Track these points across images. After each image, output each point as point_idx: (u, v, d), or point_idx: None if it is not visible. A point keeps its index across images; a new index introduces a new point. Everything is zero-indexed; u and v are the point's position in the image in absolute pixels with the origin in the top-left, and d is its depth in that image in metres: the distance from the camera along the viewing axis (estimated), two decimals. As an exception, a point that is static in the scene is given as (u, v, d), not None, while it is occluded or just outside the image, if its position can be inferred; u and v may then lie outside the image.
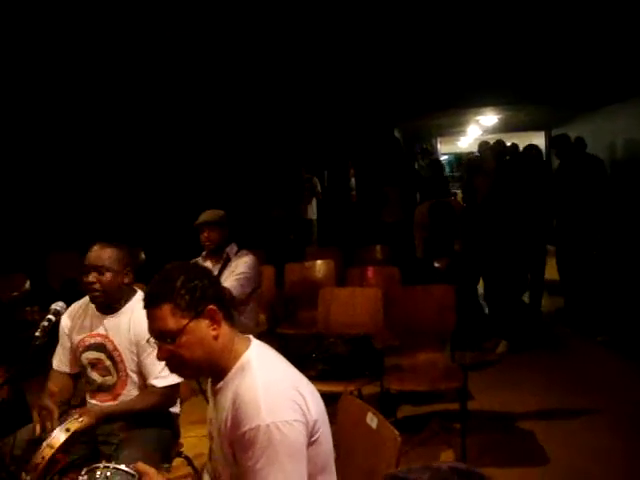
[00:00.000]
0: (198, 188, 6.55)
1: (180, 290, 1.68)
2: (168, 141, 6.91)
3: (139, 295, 2.90)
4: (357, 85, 7.61)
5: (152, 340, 2.69)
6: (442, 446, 3.92)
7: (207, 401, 3.69)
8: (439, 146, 16.37)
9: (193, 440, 3.57)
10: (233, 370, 1.71)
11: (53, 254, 6.27)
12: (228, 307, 1.79)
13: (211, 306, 1.70)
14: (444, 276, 5.24)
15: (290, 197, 8.79)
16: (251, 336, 1.84)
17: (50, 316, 2.39)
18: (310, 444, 1.64)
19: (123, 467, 1.73)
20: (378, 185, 7.70)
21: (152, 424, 2.79)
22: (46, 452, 2.21)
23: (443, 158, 14.52)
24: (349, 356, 3.83)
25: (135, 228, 5.89)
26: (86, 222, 6.12)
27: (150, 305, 1.72)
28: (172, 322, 1.68)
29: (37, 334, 2.30)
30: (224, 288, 2.63)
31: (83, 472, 1.75)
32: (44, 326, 2.34)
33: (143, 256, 6.02)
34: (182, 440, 3.07)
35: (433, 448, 3.89)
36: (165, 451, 2.78)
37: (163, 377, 2.74)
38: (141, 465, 1.74)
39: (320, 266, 5.54)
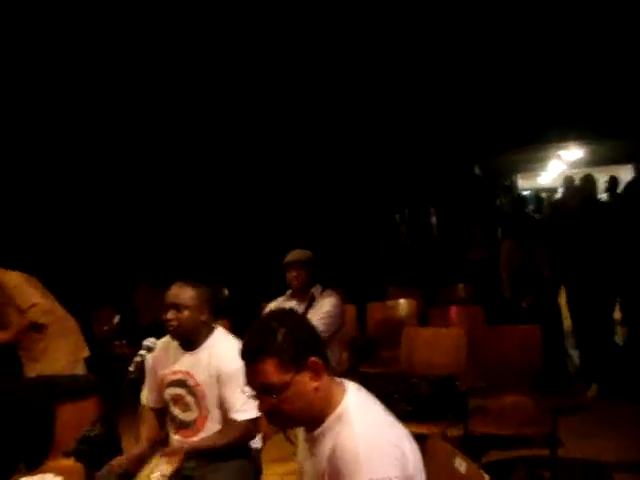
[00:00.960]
0: (283, 227, 6.65)
1: (282, 344, 1.66)
2: (255, 181, 7.06)
3: (218, 331, 2.99)
4: (437, 122, 7.62)
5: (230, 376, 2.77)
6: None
7: (288, 439, 3.72)
8: (519, 182, 16.06)
9: (274, 478, 3.57)
10: (331, 418, 1.69)
11: (141, 289, 6.49)
12: (326, 354, 1.77)
13: (313, 358, 1.68)
14: (530, 315, 5.10)
15: (369, 235, 8.81)
16: (345, 381, 1.81)
17: (142, 352, 2.48)
18: None
19: None
20: (460, 223, 7.63)
21: (234, 457, 2.82)
22: None
23: (523, 194, 14.23)
24: (432, 397, 3.76)
25: (219, 264, 6.02)
26: (174, 258, 6.31)
27: (252, 360, 1.69)
28: (275, 377, 1.65)
29: (130, 369, 2.38)
30: None
31: None
32: (137, 362, 2.43)
33: (226, 292, 6.15)
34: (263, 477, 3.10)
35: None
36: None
37: (244, 410, 2.79)
38: None
39: (402, 305, 5.51)
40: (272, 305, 4.53)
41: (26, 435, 3.36)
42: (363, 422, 1.65)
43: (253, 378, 1.69)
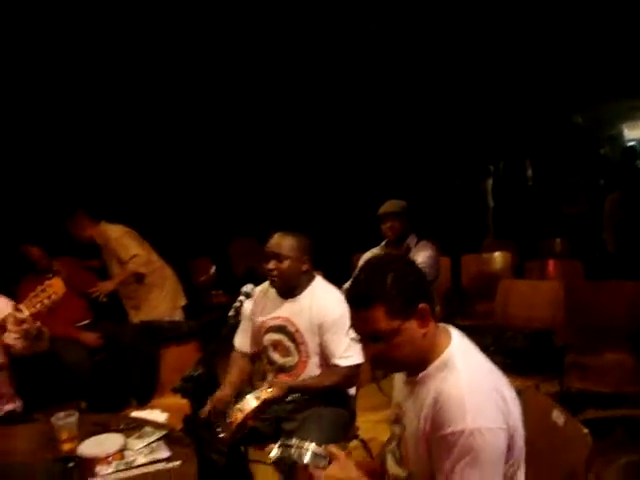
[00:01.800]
0: (376, 177, 6.58)
1: (392, 290, 1.62)
2: (350, 129, 6.97)
3: (318, 280, 3.02)
4: (536, 70, 7.26)
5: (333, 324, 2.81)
6: (629, 454, 3.66)
7: (380, 390, 3.74)
8: (626, 132, 15.16)
9: (366, 425, 3.63)
10: (435, 364, 1.68)
11: (236, 241, 6.66)
12: (433, 299, 1.73)
13: (422, 305, 1.65)
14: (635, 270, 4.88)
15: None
16: (449, 326, 1.79)
17: (241, 297, 2.55)
18: (508, 449, 1.60)
19: (314, 447, 1.74)
20: (558, 175, 7.33)
21: (331, 404, 2.89)
22: (238, 415, 2.38)
23: (630, 144, 13.40)
24: (528, 351, 3.71)
25: (311, 216, 6.06)
26: (267, 210, 6.40)
27: (360, 306, 1.65)
28: (384, 324, 1.62)
29: (230, 314, 2.46)
30: None
31: (276, 446, 1.81)
32: (236, 307, 2.50)
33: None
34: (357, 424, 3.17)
35: (618, 455, 3.65)
36: (343, 431, 2.87)
37: (346, 357, 2.84)
38: (332, 447, 1.76)
39: (498, 258, 5.42)
40: (366, 256, 4.55)
41: (135, 374, 3.59)
42: (468, 369, 1.64)
43: (360, 324, 1.68)
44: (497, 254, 5.49)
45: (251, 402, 2.42)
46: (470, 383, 1.60)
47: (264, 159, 6.68)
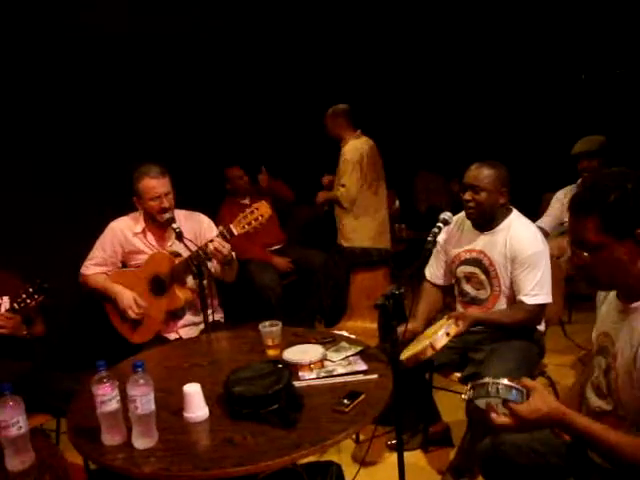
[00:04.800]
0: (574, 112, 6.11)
1: (614, 205, 1.58)
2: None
3: (515, 214, 2.94)
4: None
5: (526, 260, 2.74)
6: None
7: (564, 333, 3.58)
8: None
9: (549, 368, 3.55)
10: None
11: (420, 175, 6.59)
12: None
13: (639, 230, 1.58)
14: None
15: None
16: None
17: (439, 224, 2.55)
18: None
19: (509, 382, 1.67)
20: None
21: (521, 336, 2.86)
22: (428, 351, 2.42)
23: None
24: None
25: (503, 152, 5.81)
26: (454, 144, 6.23)
27: (577, 211, 1.65)
28: (594, 236, 1.60)
29: (429, 239, 2.47)
30: None
31: (469, 386, 1.79)
32: (434, 232, 2.50)
33: None
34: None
35: None
36: (530, 367, 2.83)
37: (533, 295, 2.79)
38: (528, 381, 1.72)
39: None
40: (559, 195, 4.35)
41: (324, 297, 3.76)
42: None
43: (574, 229, 1.67)
44: None
45: (442, 339, 2.44)
46: None
47: (457, 93, 6.46)
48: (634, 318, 1.66)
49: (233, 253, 3.15)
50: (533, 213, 3.79)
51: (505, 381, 1.67)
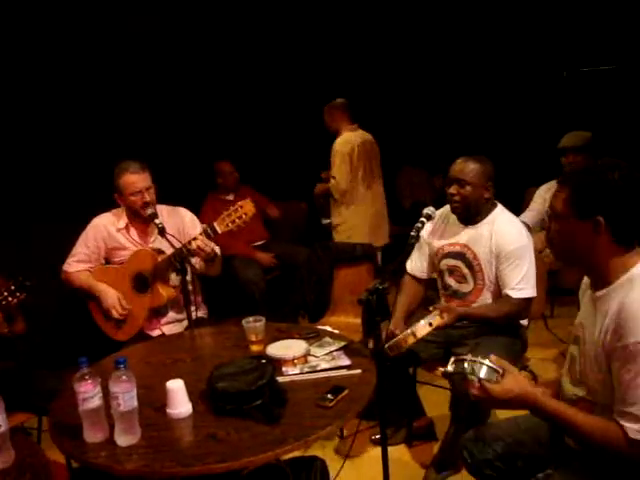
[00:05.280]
0: (559, 106, 6.12)
1: (585, 186, 1.65)
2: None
3: (500, 208, 2.95)
4: None
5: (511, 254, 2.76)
6: None
7: (547, 327, 3.61)
8: None
9: (532, 362, 3.58)
10: (620, 281, 1.66)
11: (405, 169, 6.57)
12: (630, 228, 1.67)
13: (600, 218, 1.62)
14: None
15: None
16: None
17: (422, 219, 2.55)
18: None
19: (488, 362, 1.76)
20: None
21: (503, 331, 2.88)
22: (409, 339, 2.43)
23: None
24: None
25: (487, 145, 5.82)
26: (439, 139, 6.24)
27: (561, 182, 1.74)
28: (561, 205, 1.69)
29: (412, 233, 2.48)
30: None
31: (450, 361, 1.84)
32: (418, 227, 2.51)
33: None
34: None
35: None
36: (514, 360, 2.83)
37: (519, 289, 2.80)
38: (505, 362, 1.80)
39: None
40: (541, 190, 4.37)
41: (307, 292, 3.76)
42: None
43: (553, 198, 1.75)
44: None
45: (424, 328, 2.45)
46: None
47: (441, 88, 6.47)
48: (599, 305, 1.71)
49: (217, 248, 3.14)
50: (516, 208, 3.81)
51: (483, 360, 1.76)
